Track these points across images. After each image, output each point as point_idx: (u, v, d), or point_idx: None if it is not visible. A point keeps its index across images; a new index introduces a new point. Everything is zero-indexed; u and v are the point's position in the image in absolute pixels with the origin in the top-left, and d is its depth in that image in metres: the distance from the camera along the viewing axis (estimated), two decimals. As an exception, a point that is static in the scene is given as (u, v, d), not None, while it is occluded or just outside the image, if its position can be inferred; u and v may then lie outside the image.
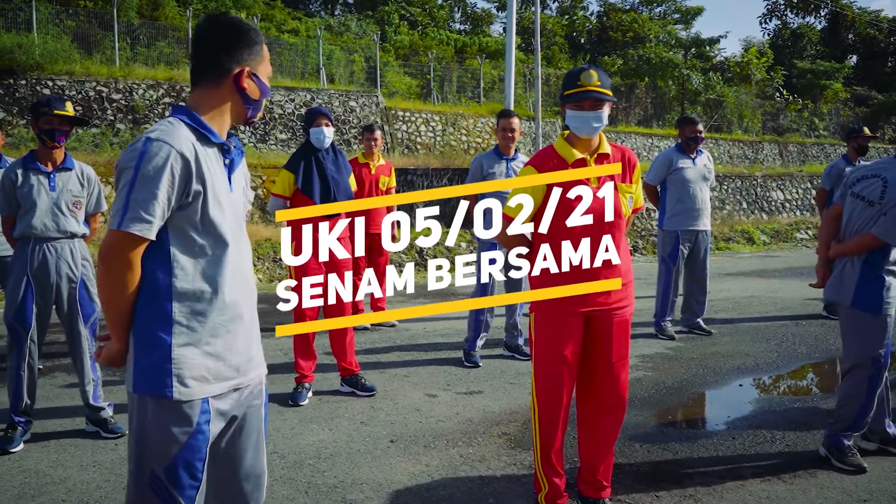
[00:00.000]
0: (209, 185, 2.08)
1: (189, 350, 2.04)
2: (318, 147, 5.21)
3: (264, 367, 2.30)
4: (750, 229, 18.42)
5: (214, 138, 2.13)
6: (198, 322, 2.06)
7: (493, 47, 27.67)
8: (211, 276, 2.09)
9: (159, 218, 2.00)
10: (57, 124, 4.33)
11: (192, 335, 2.05)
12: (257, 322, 2.26)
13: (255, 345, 2.24)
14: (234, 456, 2.23)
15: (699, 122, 7.27)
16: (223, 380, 2.11)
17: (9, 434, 4.30)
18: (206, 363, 2.06)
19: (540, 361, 3.30)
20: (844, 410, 4.02)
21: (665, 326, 7.25)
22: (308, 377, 5.28)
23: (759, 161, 26.61)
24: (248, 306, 2.20)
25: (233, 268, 2.14)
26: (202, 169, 2.06)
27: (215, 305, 2.09)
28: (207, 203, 2.07)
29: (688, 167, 7.11)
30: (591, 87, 3.12)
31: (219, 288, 2.09)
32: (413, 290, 2.98)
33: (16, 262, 4.39)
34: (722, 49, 36.60)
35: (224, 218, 2.12)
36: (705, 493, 3.69)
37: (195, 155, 2.05)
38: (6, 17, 16.63)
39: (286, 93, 17.34)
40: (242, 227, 2.23)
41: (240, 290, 2.16)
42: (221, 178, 2.15)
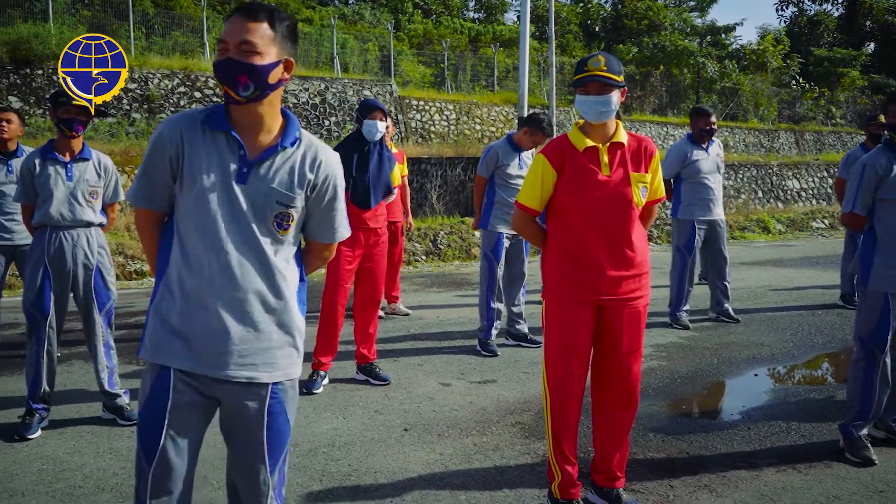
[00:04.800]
0: (186, 168, 2.13)
1: (157, 319, 2.18)
2: (369, 139, 5.20)
3: (270, 374, 2.20)
4: (765, 218, 18.30)
5: (214, 126, 2.14)
6: (166, 294, 2.18)
7: (507, 35, 27.53)
8: (179, 256, 2.17)
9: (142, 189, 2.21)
10: (75, 114, 4.36)
11: (161, 307, 2.18)
12: (263, 325, 2.17)
13: (246, 345, 2.15)
14: (231, 451, 2.30)
15: (712, 113, 7.24)
16: (183, 358, 2.15)
17: (27, 421, 4.34)
18: (165, 334, 2.16)
19: (550, 349, 3.31)
20: (850, 395, 4.09)
21: (680, 316, 7.23)
22: (325, 365, 5.30)
23: (775, 149, 26.41)
24: (229, 302, 2.13)
25: (206, 252, 2.11)
26: (182, 151, 2.13)
27: (174, 284, 2.17)
28: (184, 185, 2.15)
29: (702, 158, 7.11)
30: (597, 72, 3.11)
31: (179, 269, 2.16)
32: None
33: (34, 250, 4.43)
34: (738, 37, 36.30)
35: (204, 200, 2.11)
36: (720, 483, 3.69)
37: (179, 138, 2.13)
38: (23, 8, 16.70)
39: (300, 82, 17.34)
40: (249, 222, 2.13)
41: (214, 281, 2.12)
42: (218, 164, 2.12)
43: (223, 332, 2.14)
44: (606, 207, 3.17)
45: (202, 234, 2.12)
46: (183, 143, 2.13)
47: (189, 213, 2.14)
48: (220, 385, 2.17)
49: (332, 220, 2.34)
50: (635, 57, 28.09)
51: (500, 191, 6.16)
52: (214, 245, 2.12)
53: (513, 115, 20.07)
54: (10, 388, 5.22)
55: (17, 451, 4.08)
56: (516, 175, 6.13)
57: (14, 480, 3.71)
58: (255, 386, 2.20)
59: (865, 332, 4.01)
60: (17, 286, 8.88)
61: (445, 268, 12.25)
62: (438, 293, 9.56)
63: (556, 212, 3.28)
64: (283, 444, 2.28)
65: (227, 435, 2.28)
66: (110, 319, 4.61)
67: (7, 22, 15.70)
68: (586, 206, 3.17)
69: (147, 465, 2.16)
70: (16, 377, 5.44)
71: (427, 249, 13.00)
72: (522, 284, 6.47)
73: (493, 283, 6.22)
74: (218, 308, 2.13)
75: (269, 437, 2.24)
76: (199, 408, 2.20)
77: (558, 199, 3.24)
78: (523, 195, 3.32)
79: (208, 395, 2.20)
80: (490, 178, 6.24)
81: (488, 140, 19.56)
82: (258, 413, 2.21)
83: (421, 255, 12.82)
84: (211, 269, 2.12)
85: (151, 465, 2.15)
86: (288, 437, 2.30)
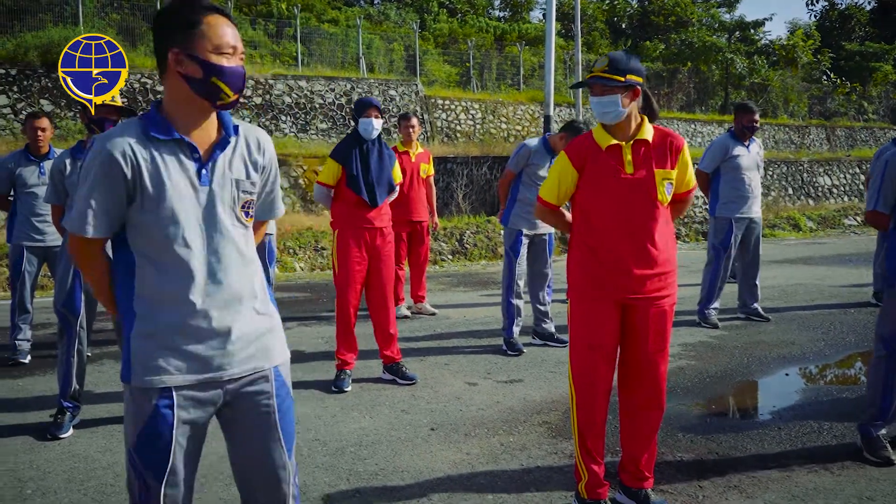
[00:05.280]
0: (148, 184, 2.06)
1: (143, 342, 2.10)
2: (366, 138, 5.21)
3: (269, 360, 2.24)
4: (796, 216, 18.08)
5: (163, 134, 2.10)
6: (146, 316, 2.11)
7: (532, 34, 27.46)
8: (151, 274, 2.10)
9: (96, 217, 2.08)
10: (105, 113, 4.41)
11: (145, 328, 2.10)
12: (249, 316, 2.19)
13: (241, 340, 2.17)
14: (238, 446, 2.27)
15: (757, 110, 7.19)
16: (186, 372, 2.11)
17: (58, 419, 4.40)
18: (160, 354, 2.09)
19: (575, 348, 3.30)
20: (870, 394, 4.02)
21: (709, 314, 7.16)
22: (349, 364, 5.31)
23: (806, 146, 26.08)
24: (218, 303, 2.13)
25: (185, 264, 2.09)
26: (138, 167, 2.06)
27: (153, 303, 2.11)
28: (146, 202, 2.07)
29: (742, 154, 7.06)
30: (598, 73, 3.12)
31: (154, 287, 2.10)
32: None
33: (64, 250, 4.48)
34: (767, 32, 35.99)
35: (172, 213, 2.08)
36: (750, 483, 3.64)
37: (131, 154, 2.06)
38: (53, 12, 16.94)
39: (326, 82, 17.41)
40: (221, 218, 2.14)
41: (199, 286, 2.11)
42: (178, 172, 2.09)
43: (222, 332, 2.13)
44: (630, 206, 3.14)
45: (177, 245, 2.09)
46: (136, 159, 2.06)
47: (156, 228, 2.08)
48: (226, 385, 2.17)
49: (276, 199, 2.41)
50: (662, 54, 27.90)
51: (524, 189, 6.14)
52: (193, 251, 2.10)
53: (539, 114, 20.00)
54: (41, 387, 5.29)
55: (49, 450, 4.14)
56: (544, 178, 6.09)
57: (46, 478, 3.76)
58: (259, 375, 2.22)
59: (888, 331, 3.92)
60: (48, 287, 9.01)
61: (472, 267, 12.24)
62: (465, 292, 9.55)
63: (579, 210, 3.27)
64: (292, 424, 2.32)
65: (237, 431, 2.25)
66: (139, 319, 4.64)
67: (38, 26, 15.95)
68: (609, 204, 3.15)
69: (157, 484, 2.12)
70: (48, 376, 5.52)
71: (453, 249, 13.00)
72: (547, 283, 6.44)
73: (511, 280, 6.21)
74: (212, 311, 2.12)
75: (282, 420, 2.26)
76: (203, 419, 2.18)
77: (581, 197, 3.23)
78: (544, 190, 3.38)
79: (212, 403, 2.18)
80: (518, 174, 6.22)
81: (514, 139, 19.51)
82: (268, 399, 2.24)
83: (447, 255, 12.82)
84: (193, 277, 2.09)
85: (162, 483, 2.13)
86: (294, 419, 2.34)
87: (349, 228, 5.20)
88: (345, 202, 5.23)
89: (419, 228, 7.85)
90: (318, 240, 12.21)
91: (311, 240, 12.23)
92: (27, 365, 5.93)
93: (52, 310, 4.63)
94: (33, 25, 15.98)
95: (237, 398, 2.21)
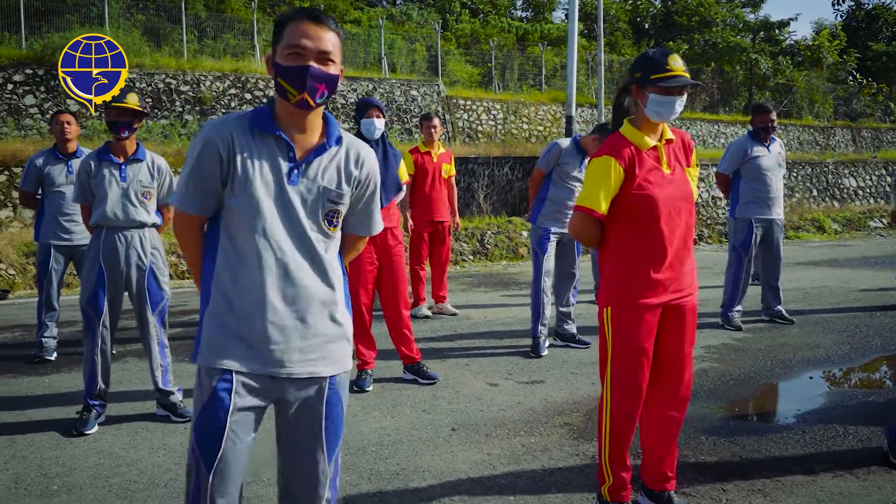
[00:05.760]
0: (239, 171, 2.15)
1: (213, 323, 2.19)
2: (369, 138, 5.23)
3: (329, 368, 2.27)
4: (820, 217, 17.89)
5: (263, 128, 2.18)
6: (220, 298, 2.19)
7: (554, 34, 27.39)
8: (233, 258, 2.18)
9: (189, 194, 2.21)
10: (115, 116, 4.44)
11: (217, 311, 2.19)
12: (318, 320, 2.22)
13: (306, 341, 2.21)
14: (284, 443, 2.33)
15: (772, 110, 7.14)
16: (246, 360, 2.16)
17: (84, 417, 4.45)
18: (223, 337, 2.17)
19: (620, 356, 3.20)
20: None
21: (732, 317, 7.11)
22: (369, 364, 5.33)
23: (831, 147, 25.82)
24: (288, 300, 2.18)
25: (262, 253, 2.15)
26: (234, 154, 2.15)
27: (228, 287, 2.18)
28: (236, 187, 2.17)
29: (763, 155, 7.01)
30: (681, 73, 3.08)
31: (233, 271, 2.18)
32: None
33: (90, 249, 4.54)
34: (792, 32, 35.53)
35: (258, 202, 2.14)
36: (773, 487, 3.61)
37: (230, 141, 2.16)
38: (80, 13, 17.14)
39: (348, 82, 17.47)
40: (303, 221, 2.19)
41: (272, 280, 2.16)
42: (270, 166, 2.17)
43: (284, 329, 2.17)
44: (676, 205, 3.13)
45: (257, 235, 2.15)
46: (234, 146, 2.16)
47: (242, 215, 2.17)
48: (283, 383, 2.21)
49: (371, 214, 2.42)
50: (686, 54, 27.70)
51: (553, 188, 6.11)
52: (270, 245, 2.15)
53: (560, 115, 19.95)
54: (67, 385, 5.36)
55: (74, 446, 4.19)
56: (575, 177, 6.08)
57: (72, 475, 3.80)
58: (315, 380, 2.25)
59: None
60: (74, 285, 9.12)
61: (493, 267, 12.23)
62: (486, 293, 9.55)
63: (624, 213, 3.16)
64: (339, 433, 2.35)
65: (286, 430, 2.30)
66: (164, 318, 4.69)
67: (65, 26, 16.15)
68: (660, 205, 3.10)
69: (207, 471, 2.15)
70: (73, 374, 5.59)
71: (474, 249, 13.00)
72: (574, 284, 6.42)
73: (538, 277, 6.18)
74: (277, 306, 2.16)
75: (328, 427, 2.29)
76: (257, 410, 2.23)
77: (628, 200, 3.12)
78: (587, 199, 3.16)
79: (268, 396, 2.22)
80: (549, 174, 6.20)
81: (536, 139, 19.47)
82: (318, 405, 2.27)
83: (468, 255, 12.82)
84: (268, 269, 2.15)
85: (211, 470, 2.15)
86: (343, 428, 2.37)
87: None
88: None
89: (441, 228, 7.85)
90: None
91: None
92: (53, 362, 6.01)
93: (78, 307, 4.68)
94: (60, 26, 16.18)
95: (290, 398, 2.25)
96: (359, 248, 2.53)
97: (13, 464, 3.94)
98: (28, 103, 14.16)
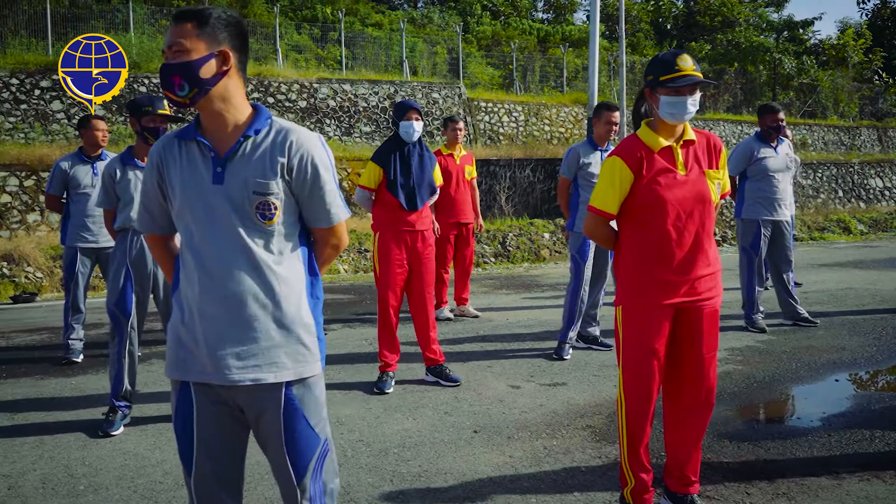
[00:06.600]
0: (169, 183, 2.21)
1: (171, 335, 2.25)
2: (407, 141, 5.24)
3: (276, 375, 2.15)
4: (846, 218, 17.70)
5: (186, 136, 2.21)
6: (176, 309, 2.23)
7: (576, 35, 27.32)
8: (181, 271, 2.22)
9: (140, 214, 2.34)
10: (160, 122, 4.52)
11: (173, 323, 2.24)
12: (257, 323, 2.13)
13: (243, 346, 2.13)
14: (262, 450, 2.29)
15: (780, 109, 7.06)
16: (192, 371, 2.18)
17: (110, 418, 4.51)
18: (177, 349, 2.21)
19: (629, 356, 3.23)
20: None
21: (755, 319, 7.05)
22: (392, 366, 5.35)
23: (857, 147, 25.52)
24: (220, 305, 2.12)
25: (194, 262, 2.14)
26: (165, 168, 2.22)
27: (179, 297, 2.22)
28: (165, 196, 2.24)
29: (770, 156, 6.95)
30: (691, 72, 3.06)
31: (179, 281, 2.22)
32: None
33: (116, 252, 4.60)
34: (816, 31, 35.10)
35: (186, 211, 2.16)
36: (799, 491, 3.58)
37: (161, 156, 2.23)
38: (105, 19, 17.35)
39: (370, 86, 17.53)
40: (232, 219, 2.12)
41: (203, 286, 2.13)
42: (193, 173, 2.16)
43: (219, 336, 2.13)
44: (687, 207, 3.11)
45: (189, 243, 2.17)
46: (162, 165, 2.22)
47: (179, 227, 2.22)
48: (233, 392, 2.16)
49: (322, 202, 2.23)
50: (708, 54, 27.54)
51: (583, 192, 6.08)
52: (200, 251, 2.14)
53: (582, 116, 19.90)
54: (94, 386, 5.42)
55: (100, 447, 4.24)
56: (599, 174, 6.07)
57: (98, 475, 3.85)
58: (266, 389, 2.15)
59: None
60: (100, 287, 9.23)
61: (514, 270, 12.22)
62: (507, 295, 9.54)
63: (633, 214, 3.19)
64: (307, 450, 2.21)
65: (258, 441, 2.27)
66: (188, 320, 4.73)
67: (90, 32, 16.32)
68: (668, 206, 3.10)
69: (187, 477, 2.22)
70: (100, 375, 5.65)
71: (496, 251, 13.00)
72: (603, 287, 6.39)
73: (578, 286, 6.15)
74: (211, 313, 2.13)
75: (289, 440, 2.18)
76: (225, 416, 2.20)
77: (637, 200, 3.15)
78: (597, 199, 3.22)
79: (227, 402, 2.20)
80: (574, 179, 6.19)
81: (558, 141, 19.43)
82: (275, 417, 2.18)
83: (490, 257, 12.82)
84: (200, 275, 2.14)
85: (191, 475, 2.21)
86: (315, 444, 2.22)
87: (390, 231, 5.24)
88: (385, 205, 5.26)
89: (465, 231, 7.87)
90: (362, 242, 12.30)
91: (355, 242, 12.32)
92: (80, 364, 6.08)
93: (104, 310, 4.74)
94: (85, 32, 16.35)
95: (245, 407, 2.19)
96: (332, 244, 2.33)
97: (41, 464, 4.00)
98: (55, 109, 14.35)
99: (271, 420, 2.18)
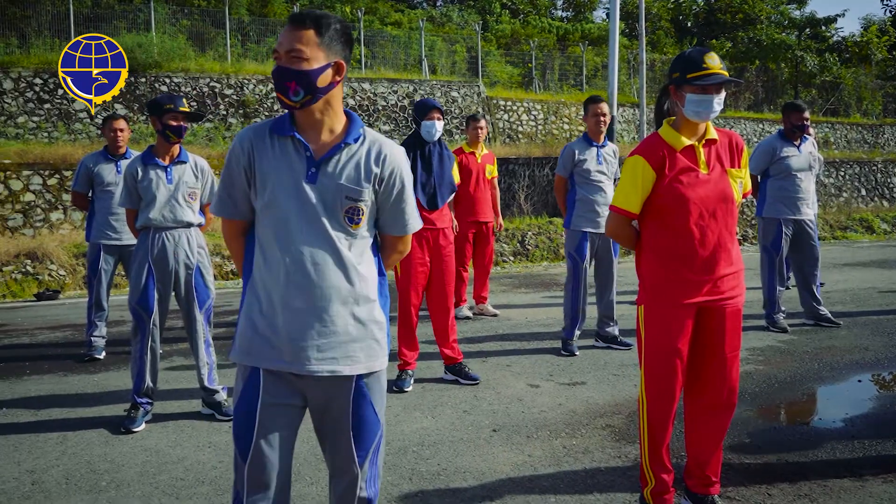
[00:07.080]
0: (260, 174, 2.24)
1: (244, 322, 2.29)
2: (428, 140, 5.24)
3: (350, 367, 2.27)
4: (869, 217, 17.51)
5: (281, 131, 2.26)
6: (252, 298, 2.28)
7: (595, 33, 27.23)
8: (260, 260, 2.26)
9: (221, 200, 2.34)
10: (182, 120, 4.55)
11: (248, 310, 2.28)
12: (339, 319, 2.24)
13: (324, 339, 2.23)
14: (324, 443, 2.39)
15: (806, 108, 6.98)
16: (268, 359, 2.24)
17: (132, 414, 4.54)
18: (252, 336, 2.26)
19: (651, 356, 3.21)
20: None
21: (777, 319, 7.00)
22: (410, 365, 5.35)
23: (880, 145, 25.25)
24: (307, 298, 2.20)
25: (281, 254, 2.20)
26: (254, 159, 2.25)
27: (254, 286, 2.27)
28: (258, 191, 2.26)
29: (792, 155, 6.87)
30: (718, 70, 3.03)
31: (261, 272, 2.26)
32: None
33: (138, 250, 4.63)
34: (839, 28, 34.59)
35: (278, 203, 2.21)
36: (821, 492, 3.55)
37: (251, 147, 2.26)
38: (127, 19, 17.50)
39: (389, 84, 17.56)
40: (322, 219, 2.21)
41: (291, 278, 2.20)
42: (287, 167, 2.22)
43: (302, 328, 2.22)
44: (710, 205, 3.10)
45: (277, 236, 2.22)
46: (253, 153, 2.25)
47: (264, 218, 2.25)
48: (305, 381, 2.26)
49: (402, 213, 2.39)
50: (729, 52, 27.34)
51: (580, 189, 6.10)
52: (289, 244, 2.21)
53: (602, 114, 19.78)
54: (116, 383, 5.47)
55: (122, 444, 4.28)
56: (595, 170, 6.08)
57: (120, 471, 3.88)
58: (338, 380, 2.27)
59: None
60: (122, 285, 9.31)
61: (533, 268, 12.19)
62: (526, 294, 9.52)
63: (656, 213, 3.18)
64: (370, 435, 2.34)
65: (318, 430, 2.37)
66: (209, 317, 4.77)
67: (113, 32, 16.46)
68: (690, 205, 3.08)
69: (242, 462, 2.27)
70: (122, 372, 5.70)
71: (515, 250, 12.98)
72: (614, 287, 6.37)
73: (578, 283, 6.16)
74: (296, 306, 2.21)
75: (356, 427, 2.31)
76: (288, 406, 2.29)
77: (659, 199, 3.14)
78: (620, 198, 3.22)
79: (296, 393, 2.28)
80: (570, 177, 6.20)
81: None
82: (344, 405, 2.30)
83: (509, 256, 12.80)
84: (287, 268, 2.20)
85: (246, 461, 2.26)
86: (377, 430, 2.36)
87: None
88: None
89: (485, 229, 7.86)
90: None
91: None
92: (102, 361, 6.14)
93: (126, 307, 4.78)
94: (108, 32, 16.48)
95: (316, 397, 2.30)
96: (399, 250, 2.49)
97: (63, 460, 4.04)
98: (78, 108, 14.49)
99: (340, 406, 2.30)
